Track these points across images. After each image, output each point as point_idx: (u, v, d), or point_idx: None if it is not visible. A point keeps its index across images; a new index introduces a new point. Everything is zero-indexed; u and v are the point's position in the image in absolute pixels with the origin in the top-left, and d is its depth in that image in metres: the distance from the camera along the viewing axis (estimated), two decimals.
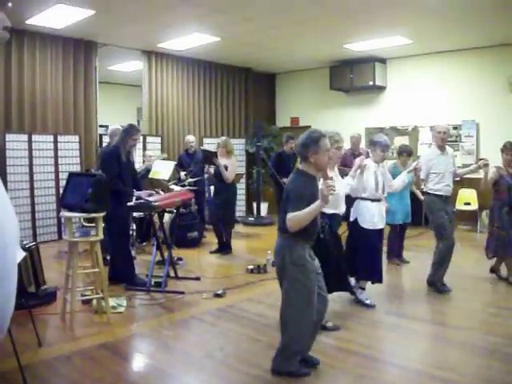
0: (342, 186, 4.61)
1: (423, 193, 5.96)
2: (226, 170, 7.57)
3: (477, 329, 4.63)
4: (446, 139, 5.82)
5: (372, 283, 5.32)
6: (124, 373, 3.84)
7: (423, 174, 5.65)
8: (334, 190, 3.34)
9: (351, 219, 5.22)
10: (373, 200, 5.10)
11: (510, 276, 6.07)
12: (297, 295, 3.44)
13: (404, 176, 5.56)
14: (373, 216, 5.09)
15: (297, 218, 3.29)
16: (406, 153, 6.99)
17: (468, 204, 9.79)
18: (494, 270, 6.34)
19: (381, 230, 5.25)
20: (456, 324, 4.78)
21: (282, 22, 8.35)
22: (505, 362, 3.83)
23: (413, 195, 7.17)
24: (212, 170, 7.77)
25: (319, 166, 3.52)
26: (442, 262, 5.69)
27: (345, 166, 9.12)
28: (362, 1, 7.19)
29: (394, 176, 6.39)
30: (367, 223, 5.08)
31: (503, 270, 6.18)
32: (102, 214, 4.71)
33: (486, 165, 5.82)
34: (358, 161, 5.06)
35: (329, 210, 4.39)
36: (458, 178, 6.20)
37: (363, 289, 5.30)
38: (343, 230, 5.21)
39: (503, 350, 4.04)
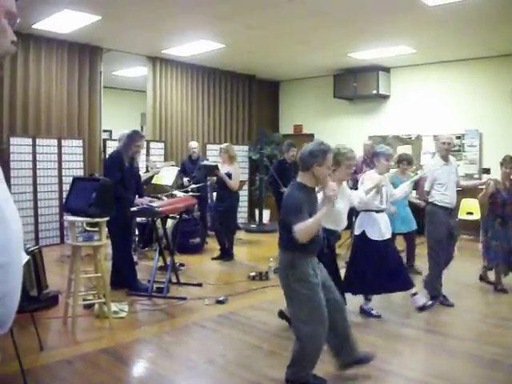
0: (345, 203, 4.52)
1: (427, 203, 5.91)
2: (230, 177, 7.58)
3: (478, 339, 4.62)
4: (449, 149, 5.78)
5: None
6: (125, 378, 3.85)
7: (428, 185, 5.64)
8: (337, 197, 3.34)
9: (357, 232, 5.15)
10: (377, 211, 5.05)
11: (497, 284, 6.12)
12: (305, 310, 3.37)
13: (407, 185, 5.56)
14: (379, 227, 5.03)
15: (304, 227, 3.21)
16: (407, 161, 6.88)
17: (470, 213, 9.78)
18: (482, 277, 6.41)
19: (388, 241, 5.16)
20: (457, 334, 4.77)
21: (286, 30, 8.37)
22: (506, 372, 3.83)
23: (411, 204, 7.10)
24: (214, 178, 7.79)
25: (319, 180, 3.44)
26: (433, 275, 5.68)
27: (355, 173, 9.15)
28: (367, 10, 7.22)
29: (395, 185, 6.42)
30: (375, 234, 5.00)
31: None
32: (105, 219, 4.72)
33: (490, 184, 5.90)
34: (378, 179, 4.99)
35: (329, 226, 4.24)
36: (459, 188, 6.19)
37: (369, 300, 5.25)
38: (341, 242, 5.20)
39: (505, 361, 4.03)
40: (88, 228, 7.13)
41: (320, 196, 3.69)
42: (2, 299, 1.22)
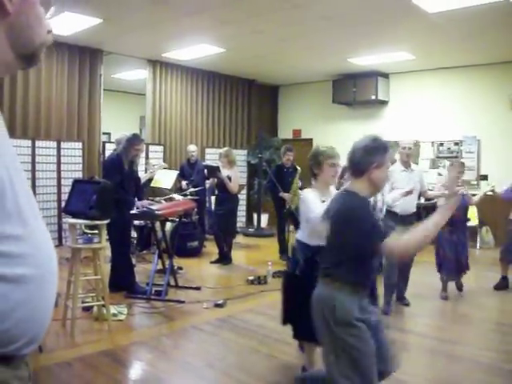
0: None
1: None
2: (230, 180, 7.61)
3: (477, 344, 4.64)
4: (410, 155, 5.68)
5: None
6: (124, 380, 3.86)
7: (387, 190, 5.24)
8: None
9: None
10: None
11: (443, 291, 6.14)
12: (348, 365, 2.50)
13: (400, 195, 5.18)
14: None
15: (413, 240, 2.39)
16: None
17: (468, 220, 9.79)
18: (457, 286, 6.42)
19: None
20: (457, 339, 4.78)
21: (286, 35, 8.41)
22: (506, 377, 3.85)
23: None
24: (215, 179, 7.82)
25: (376, 186, 2.68)
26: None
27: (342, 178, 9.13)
28: (367, 16, 7.26)
29: None
30: None
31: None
32: (105, 222, 4.73)
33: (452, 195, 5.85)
34: (408, 188, 4.94)
35: (314, 242, 3.54)
36: (429, 198, 6.10)
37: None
38: None
39: (504, 367, 4.05)
40: (87, 230, 7.13)
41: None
42: (30, 319, 1.19)
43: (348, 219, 2.55)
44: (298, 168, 8.26)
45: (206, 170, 8.09)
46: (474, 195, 6.55)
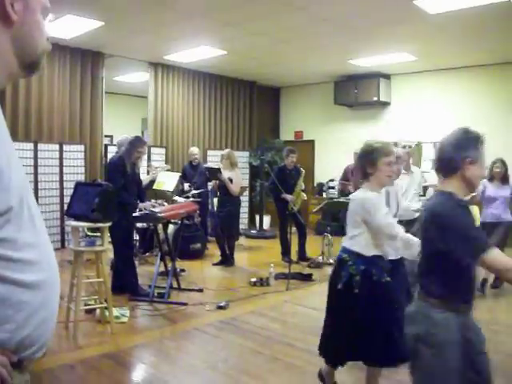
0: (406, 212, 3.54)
1: None
2: (231, 182, 7.62)
3: None
4: (409, 154, 5.67)
5: None
6: (127, 382, 3.88)
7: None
8: None
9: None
10: None
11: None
12: None
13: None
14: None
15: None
16: None
17: None
18: None
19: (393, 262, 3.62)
20: None
21: (288, 37, 8.42)
22: (508, 379, 3.84)
23: None
24: (217, 181, 7.84)
25: (472, 185, 2.33)
26: None
27: (347, 180, 9.19)
28: (368, 18, 7.27)
29: None
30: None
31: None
32: (107, 224, 4.74)
33: None
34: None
35: (370, 252, 3.18)
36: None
37: None
38: None
39: (506, 368, 4.04)
40: (89, 233, 7.15)
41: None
42: (44, 323, 1.20)
43: (446, 225, 2.18)
44: (302, 170, 8.27)
45: (207, 172, 8.12)
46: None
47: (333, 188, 11.56)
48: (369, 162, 3.18)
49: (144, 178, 8.07)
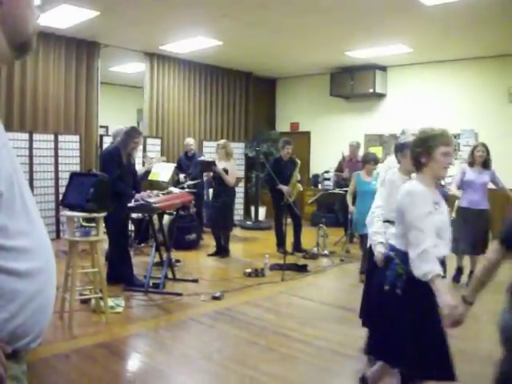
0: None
1: None
2: (227, 173, 7.62)
3: (472, 337, 4.66)
4: None
5: None
6: (121, 372, 3.88)
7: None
8: None
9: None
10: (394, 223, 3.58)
11: None
12: None
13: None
14: None
15: None
16: (374, 161, 6.49)
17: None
18: None
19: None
20: (451, 333, 4.80)
21: (284, 28, 8.40)
22: None
23: None
24: (211, 173, 7.83)
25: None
26: None
27: (341, 171, 9.23)
28: (364, 9, 7.25)
29: (359, 186, 6.34)
30: None
31: None
32: (102, 215, 4.74)
33: None
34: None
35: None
36: None
37: None
38: None
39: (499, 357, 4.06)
40: (84, 223, 7.14)
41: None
42: (39, 312, 1.19)
43: None
44: (298, 161, 8.27)
45: (201, 166, 8.09)
46: None
47: (328, 179, 11.58)
48: (424, 151, 2.83)
49: (139, 168, 8.06)
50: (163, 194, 6.32)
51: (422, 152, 2.83)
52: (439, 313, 2.59)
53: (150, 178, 8.27)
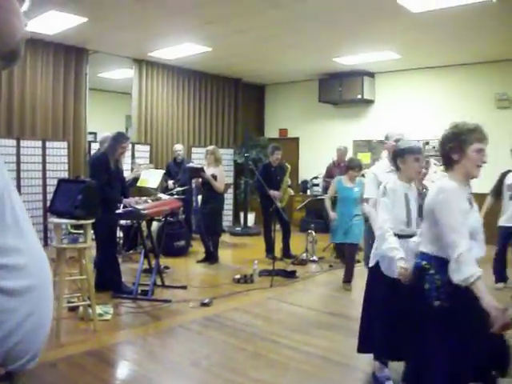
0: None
1: None
2: (215, 179, 7.62)
3: None
4: None
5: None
6: (110, 380, 3.85)
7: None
8: None
9: (371, 264, 3.68)
10: (401, 236, 3.34)
11: None
12: None
13: None
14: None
15: None
16: (358, 168, 6.45)
17: None
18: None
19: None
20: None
21: (272, 35, 8.43)
22: None
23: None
24: (200, 180, 7.82)
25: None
26: None
27: (331, 177, 9.27)
28: (352, 15, 7.30)
29: (341, 191, 6.33)
30: (391, 270, 3.34)
31: None
32: (91, 221, 4.72)
33: None
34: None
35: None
36: None
37: (385, 364, 3.71)
38: None
39: None
40: (72, 230, 7.10)
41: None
42: (34, 331, 1.12)
43: None
44: (288, 166, 8.29)
45: (189, 173, 8.07)
46: None
47: (317, 185, 11.61)
48: (456, 147, 2.66)
49: (127, 175, 8.04)
50: (152, 200, 6.30)
51: (454, 147, 2.64)
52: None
53: (138, 184, 8.25)
